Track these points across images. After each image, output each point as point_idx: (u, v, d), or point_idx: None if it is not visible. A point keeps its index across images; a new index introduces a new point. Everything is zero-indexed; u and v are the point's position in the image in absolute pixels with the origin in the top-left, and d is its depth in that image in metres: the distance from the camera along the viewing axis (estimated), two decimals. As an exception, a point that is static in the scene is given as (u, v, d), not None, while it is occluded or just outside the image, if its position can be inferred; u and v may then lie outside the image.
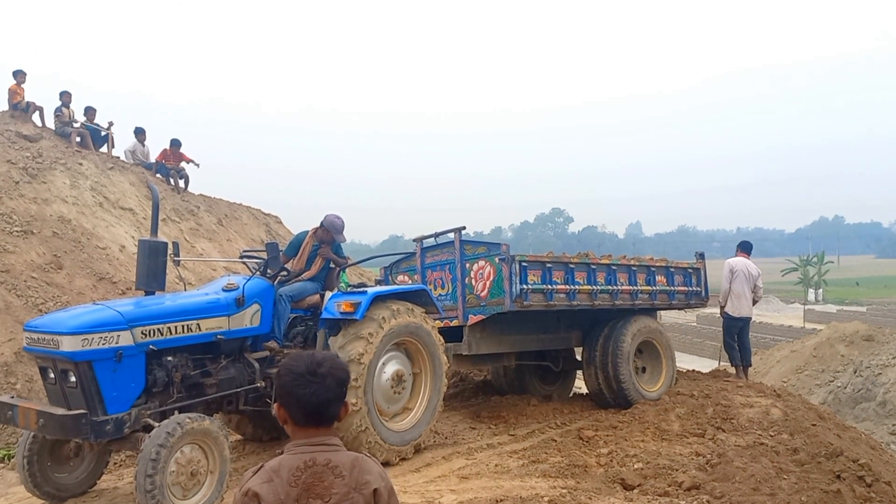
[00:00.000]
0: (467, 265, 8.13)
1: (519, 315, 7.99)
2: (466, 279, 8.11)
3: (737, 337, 9.80)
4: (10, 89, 13.73)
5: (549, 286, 7.88)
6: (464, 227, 8.25)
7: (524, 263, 7.69)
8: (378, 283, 9.37)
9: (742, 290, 9.66)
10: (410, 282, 8.89)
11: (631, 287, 8.74)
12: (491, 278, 7.84)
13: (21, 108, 13.53)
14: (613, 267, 8.63)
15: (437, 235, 8.65)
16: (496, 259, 7.73)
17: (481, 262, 7.98)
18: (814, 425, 7.39)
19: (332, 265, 7.39)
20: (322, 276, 7.30)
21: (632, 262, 8.97)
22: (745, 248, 10.09)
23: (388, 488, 2.05)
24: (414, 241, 8.93)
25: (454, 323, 8.26)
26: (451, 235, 8.28)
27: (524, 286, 7.62)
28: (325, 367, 2.03)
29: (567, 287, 8.06)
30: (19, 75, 13.83)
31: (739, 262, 9.76)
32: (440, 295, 8.47)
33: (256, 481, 1.96)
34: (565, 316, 9.10)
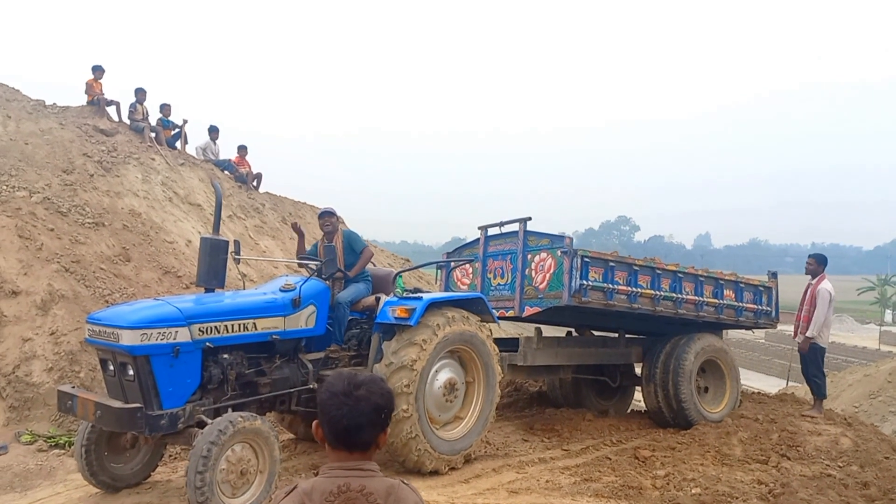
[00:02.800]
0: (529, 256, 8.01)
1: (579, 317, 7.75)
2: (527, 270, 7.99)
3: (807, 366, 8.80)
4: (87, 83, 14.17)
5: (610, 285, 7.67)
6: (530, 218, 8.13)
7: (586, 259, 7.51)
8: (438, 267, 9.30)
9: (831, 316, 8.78)
10: (471, 269, 8.85)
11: (696, 297, 8.43)
12: (551, 271, 7.69)
13: (94, 103, 13.96)
14: (679, 275, 8.34)
15: (502, 224, 8.55)
16: (558, 252, 7.58)
17: (543, 254, 7.84)
18: (886, 458, 7.00)
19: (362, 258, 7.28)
20: (366, 274, 7.27)
21: (699, 273, 8.65)
22: (825, 265, 8.95)
23: None
24: (479, 228, 8.87)
25: (510, 314, 8.18)
26: (517, 226, 8.18)
27: (584, 282, 7.43)
28: (363, 389, 1.92)
29: (629, 289, 7.83)
30: (97, 71, 14.26)
31: (831, 286, 8.76)
32: (499, 284, 8.39)
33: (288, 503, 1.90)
34: (625, 325, 8.88)
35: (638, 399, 10.11)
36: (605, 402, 9.73)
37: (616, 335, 9.18)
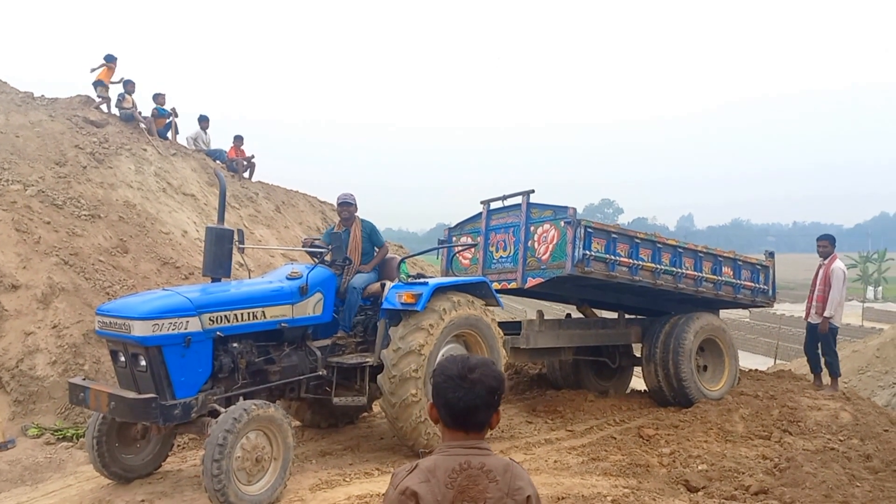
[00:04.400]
0: (532, 228, 8.05)
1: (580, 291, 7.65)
2: (529, 242, 8.04)
3: (820, 346, 8.87)
4: (101, 71, 14.26)
5: (613, 257, 7.75)
6: (533, 191, 8.16)
7: (590, 229, 7.57)
8: (441, 242, 9.37)
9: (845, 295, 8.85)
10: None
11: (696, 273, 8.52)
12: (554, 242, 7.73)
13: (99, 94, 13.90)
14: (680, 249, 8.44)
15: (505, 198, 8.55)
16: (562, 222, 7.62)
17: (546, 226, 7.88)
18: (886, 431, 7.14)
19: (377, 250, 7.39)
20: (379, 264, 7.33)
21: (699, 249, 8.75)
22: (835, 245, 9.01)
23: (538, 497, 2.05)
24: (482, 203, 8.87)
25: (512, 285, 8.22)
26: (520, 199, 8.22)
27: (587, 252, 7.49)
28: (477, 373, 2.01)
29: (630, 261, 7.91)
30: (111, 61, 14.24)
31: (844, 266, 8.87)
32: (501, 257, 8.44)
33: (414, 480, 1.95)
34: (625, 301, 8.96)
35: (637, 378, 10.22)
36: (605, 382, 9.82)
37: (615, 316, 9.27)
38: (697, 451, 6.65)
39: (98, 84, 14.25)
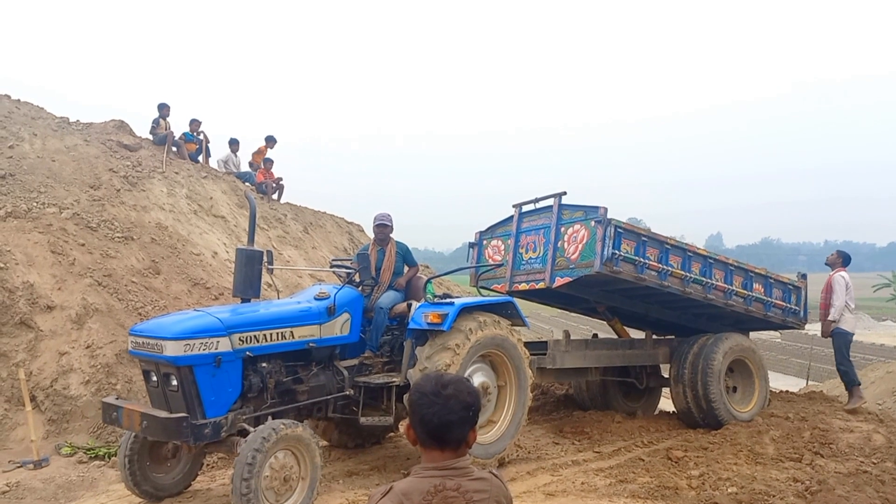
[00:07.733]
0: (562, 229, 8.07)
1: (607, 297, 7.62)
2: (559, 243, 8.06)
3: (834, 356, 9.05)
4: (259, 149, 16.25)
5: (642, 259, 7.72)
6: (565, 193, 8.20)
7: (620, 229, 7.56)
8: (471, 246, 9.45)
9: (852, 303, 9.05)
10: (503, 247, 8.91)
11: (726, 286, 8.46)
12: (584, 241, 7.74)
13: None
14: (711, 260, 8.41)
15: (536, 201, 8.60)
16: (592, 222, 7.62)
17: (577, 226, 7.90)
18: (921, 454, 6.99)
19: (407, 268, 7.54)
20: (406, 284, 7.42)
21: (730, 262, 8.70)
22: (847, 262, 9.37)
23: None
24: (513, 206, 8.92)
25: (540, 285, 8.22)
26: (551, 201, 8.26)
27: (616, 251, 7.48)
28: (451, 388, 2.00)
29: (659, 266, 7.88)
30: (270, 141, 15.60)
31: (847, 275, 9.14)
32: (530, 258, 8.47)
33: None
34: (652, 312, 8.92)
35: (665, 399, 10.14)
36: (633, 403, 9.76)
37: (643, 336, 9.23)
38: (727, 473, 6.57)
39: (266, 161, 15.93)
